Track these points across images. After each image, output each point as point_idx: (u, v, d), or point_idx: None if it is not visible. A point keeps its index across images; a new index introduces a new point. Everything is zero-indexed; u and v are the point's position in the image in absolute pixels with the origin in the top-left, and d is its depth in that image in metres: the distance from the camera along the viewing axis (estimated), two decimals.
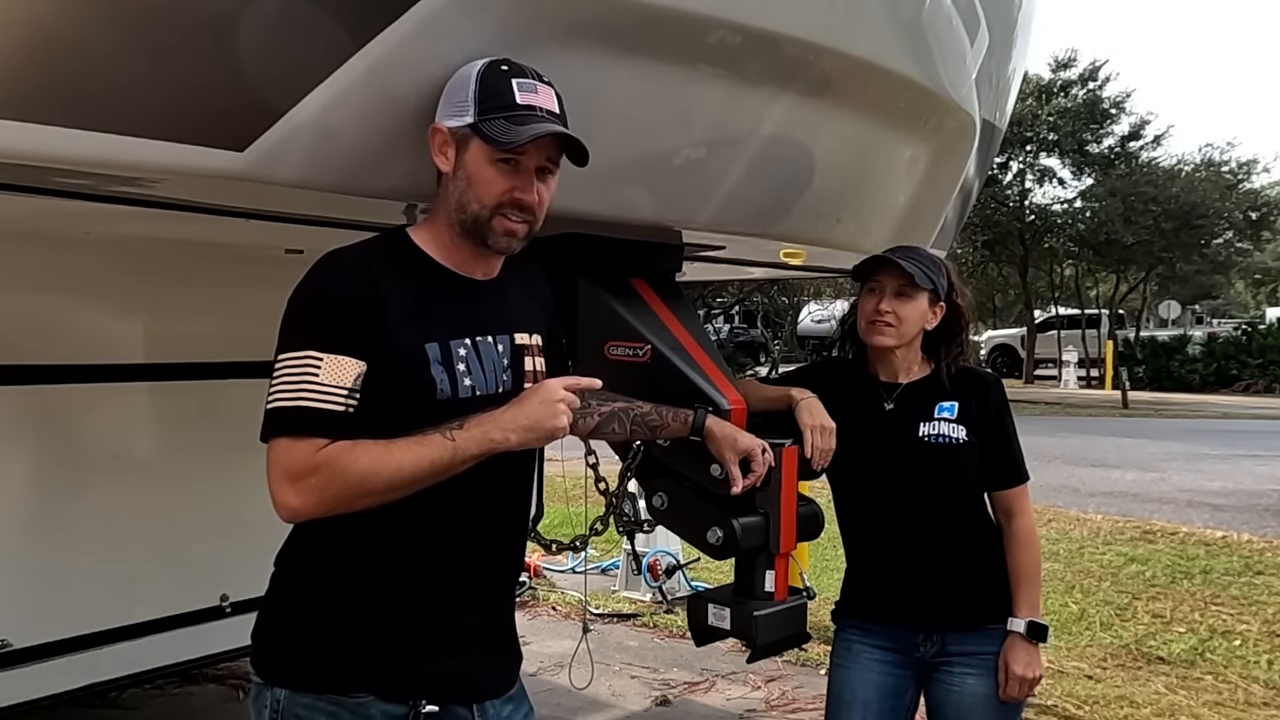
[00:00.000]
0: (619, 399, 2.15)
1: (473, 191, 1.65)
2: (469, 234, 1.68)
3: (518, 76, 1.66)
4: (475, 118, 1.63)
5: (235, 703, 4.25)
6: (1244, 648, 5.19)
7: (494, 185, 1.64)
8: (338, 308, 1.58)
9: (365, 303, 1.59)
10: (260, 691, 1.71)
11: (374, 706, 1.66)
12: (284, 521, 1.61)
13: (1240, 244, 27.80)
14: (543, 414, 1.62)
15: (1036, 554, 2.42)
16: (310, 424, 1.54)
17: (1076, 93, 25.35)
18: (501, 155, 1.63)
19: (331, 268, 1.62)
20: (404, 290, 1.64)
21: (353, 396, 1.56)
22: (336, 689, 1.66)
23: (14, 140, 1.58)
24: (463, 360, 1.67)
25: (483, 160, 1.64)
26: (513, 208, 1.66)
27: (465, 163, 1.65)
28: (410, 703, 1.67)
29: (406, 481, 1.57)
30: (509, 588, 1.88)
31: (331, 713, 1.66)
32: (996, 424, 2.41)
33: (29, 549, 2.94)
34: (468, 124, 1.64)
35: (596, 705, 4.38)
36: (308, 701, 1.66)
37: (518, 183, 1.65)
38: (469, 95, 1.64)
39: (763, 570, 2.26)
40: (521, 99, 1.64)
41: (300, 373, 1.55)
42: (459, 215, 1.67)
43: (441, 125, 1.67)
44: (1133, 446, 12.93)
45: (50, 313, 2.92)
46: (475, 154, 1.64)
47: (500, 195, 1.65)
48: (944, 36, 2.54)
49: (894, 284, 2.37)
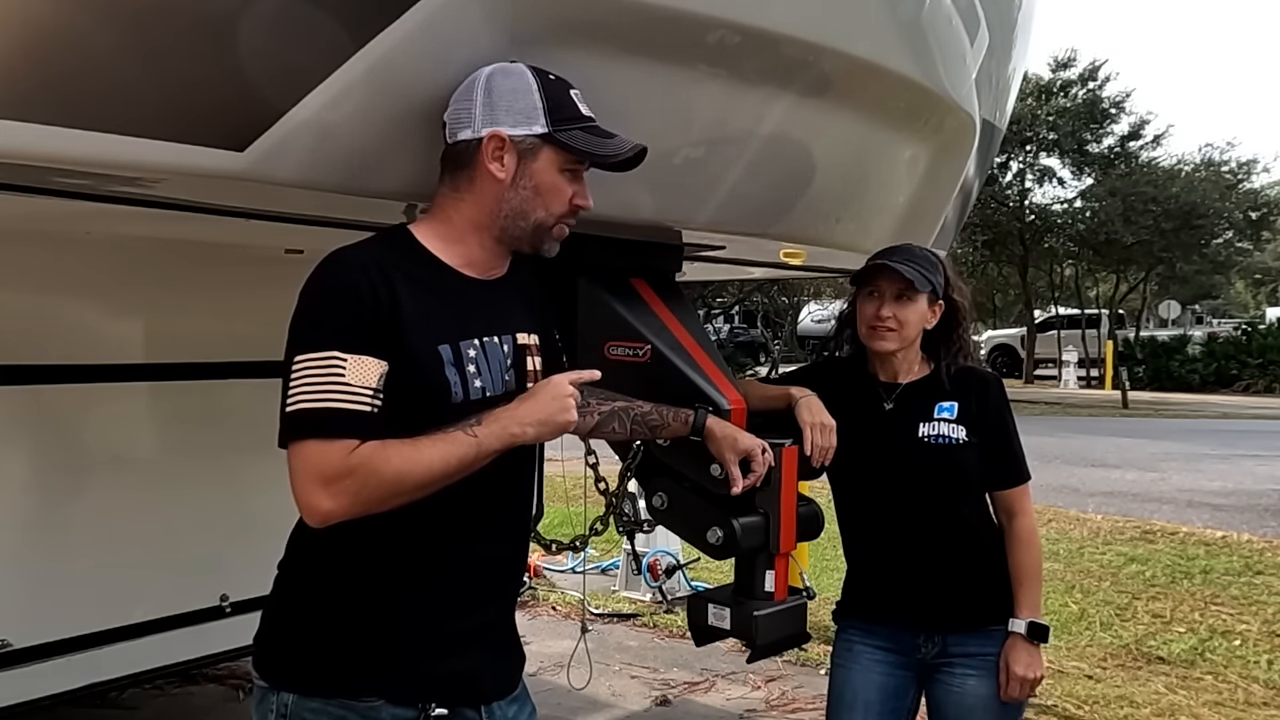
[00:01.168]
0: (619, 398, 2.15)
1: (540, 200, 1.68)
2: (519, 240, 1.72)
3: (571, 88, 1.71)
4: (550, 128, 1.65)
5: (235, 703, 4.25)
6: (1244, 648, 5.19)
7: (564, 193, 1.70)
8: (355, 308, 1.56)
9: (380, 303, 1.57)
10: (265, 695, 1.69)
11: (384, 710, 1.65)
12: (315, 526, 1.57)
13: (1240, 244, 27.83)
14: (555, 409, 1.65)
15: (1037, 554, 2.42)
16: (342, 425, 1.51)
17: (1076, 92, 25.36)
18: (569, 166, 1.69)
19: (343, 268, 1.60)
20: (414, 291, 1.62)
21: (378, 397, 1.54)
22: (346, 693, 1.65)
23: (14, 140, 1.57)
24: (472, 361, 1.66)
25: (553, 169, 1.68)
26: (573, 215, 1.73)
27: (533, 172, 1.67)
28: (420, 705, 1.66)
29: (437, 479, 1.57)
30: (513, 587, 1.88)
31: (341, 716, 1.65)
32: (997, 423, 2.41)
33: (29, 549, 2.94)
34: (539, 134, 1.65)
35: (596, 705, 4.38)
36: (316, 705, 1.65)
37: (578, 189, 1.72)
38: (537, 105, 1.66)
39: (763, 570, 2.26)
40: (585, 110, 1.70)
41: (326, 373, 1.51)
42: (515, 222, 1.69)
43: (503, 133, 1.65)
44: (1133, 446, 12.93)
45: (50, 313, 2.92)
46: (546, 163, 1.68)
47: (568, 203, 1.71)
48: (944, 36, 2.54)
49: (893, 288, 2.37)
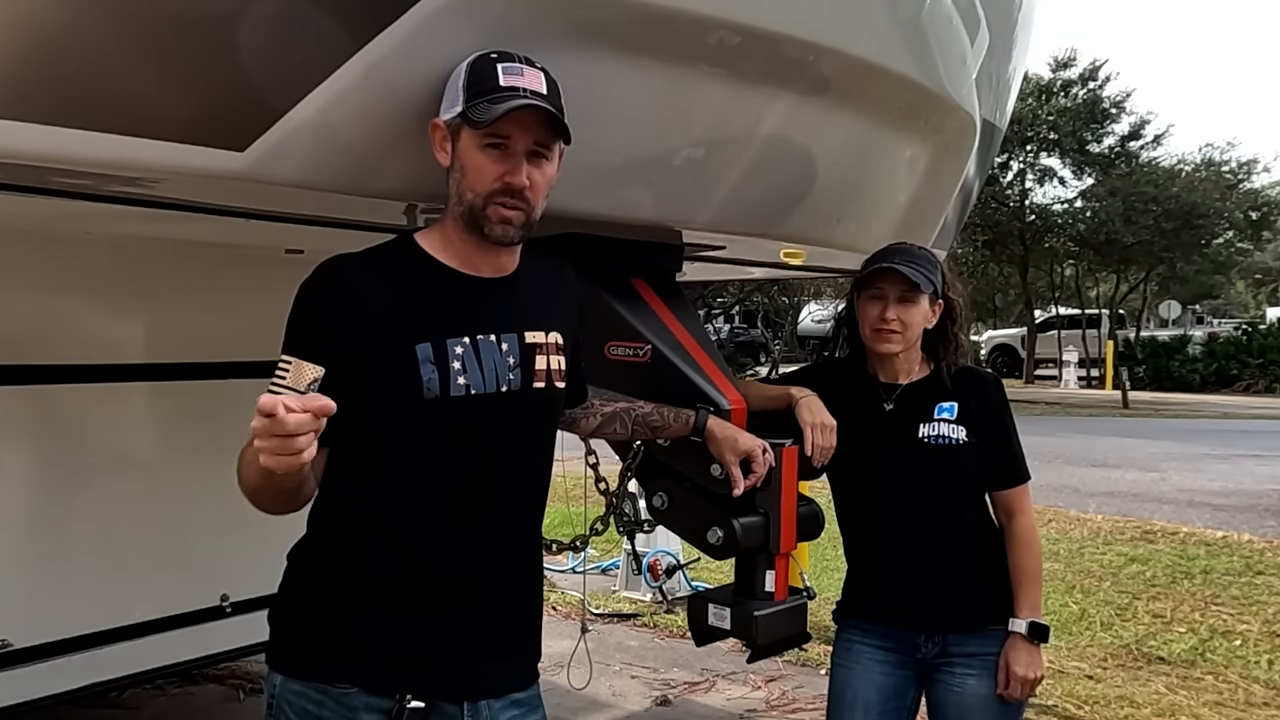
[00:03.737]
0: (620, 398, 2.15)
1: (467, 181, 1.67)
2: (469, 226, 1.70)
3: (504, 61, 1.67)
4: (463, 105, 1.65)
5: (235, 703, 4.26)
6: (1244, 648, 5.19)
7: (485, 172, 1.65)
8: (311, 314, 1.64)
9: (334, 308, 1.63)
10: (267, 676, 1.78)
11: (358, 698, 1.68)
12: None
13: (1240, 244, 27.84)
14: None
15: (1037, 554, 2.42)
16: None
17: (1076, 92, 25.36)
18: (488, 140, 1.64)
19: (313, 278, 1.67)
20: (396, 292, 1.66)
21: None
22: (322, 678, 1.69)
23: (14, 140, 1.58)
24: (459, 359, 1.67)
25: (473, 148, 1.65)
26: (505, 194, 1.66)
27: (459, 153, 1.67)
28: (395, 696, 1.68)
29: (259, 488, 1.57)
30: (517, 587, 1.83)
31: (318, 701, 1.69)
32: (996, 424, 2.41)
33: (29, 549, 2.94)
34: (458, 113, 1.66)
35: (596, 705, 4.38)
36: (297, 689, 1.71)
37: (507, 167, 1.65)
38: (459, 86, 1.66)
39: (763, 570, 2.26)
40: (505, 81, 1.64)
41: (277, 374, 1.61)
42: (459, 208, 1.69)
43: (439, 120, 1.70)
44: (1133, 446, 12.92)
45: (50, 313, 2.92)
46: (466, 143, 1.66)
47: (492, 181, 1.65)
48: (944, 36, 2.54)
49: (897, 290, 2.35)
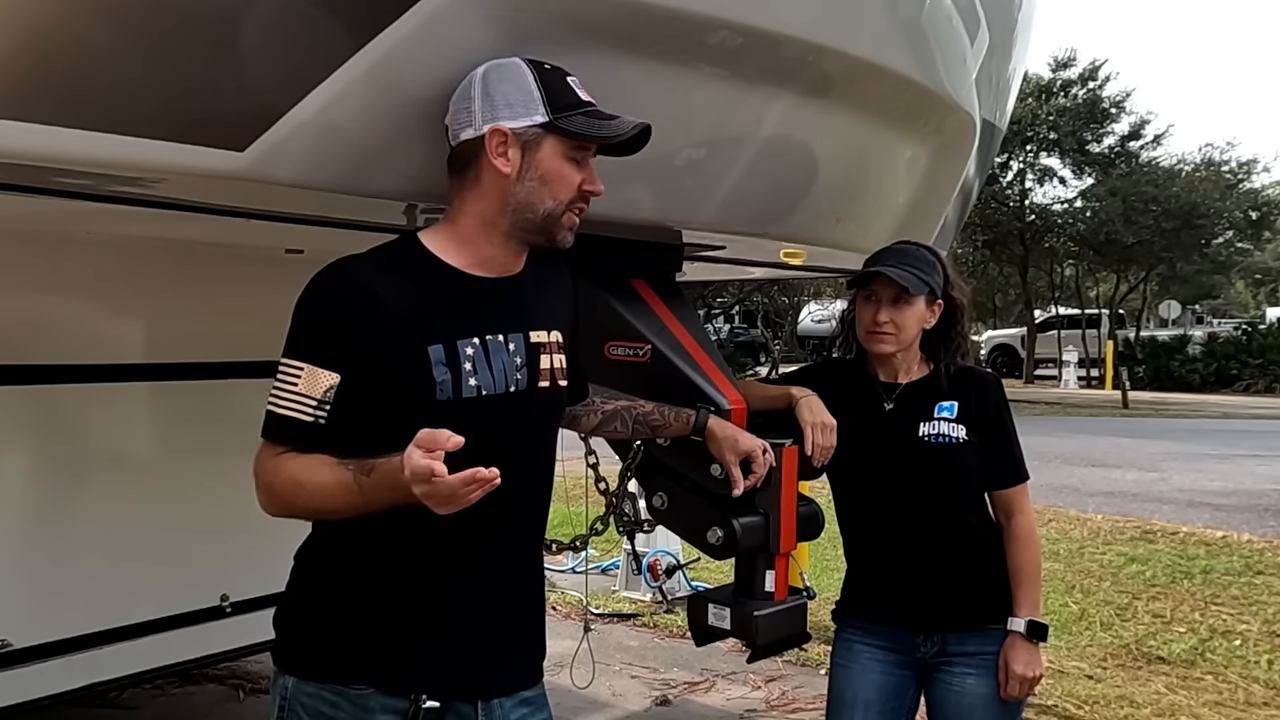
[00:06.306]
0: (622, 397, 2.15)
1: (548, 189, 1.68)
2: (532, 232, 1.71)
3: (568, 75, 1.71)
4: (550, 116, 1.65)
5: (235, 703, 4.26)
6: (1244, 648, 5.19)
7: (570, 180, 1.70)
8: (323, 319, 1.63)
9: (353, 312, 1.61)
10: (275, 679, 1.76)
11: (374, 699, 1.67)
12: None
13: (1240, 244, 27.83)
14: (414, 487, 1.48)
15: (1037, 553, 2.42)
16: (278, 430, 1.62)
17: (1076, 92, 25.35)
18: (575, 152, 1.69)
19: (321, 279, 1.66)
20: (406, 294, 1.64)
21: (321, 408, 1.60)
22: (338, 679, 1.68)
23: (14, 140, 1.58)
24: (469, 360, 1.66)
25: (558, 156, 1.68)
26: (582, 201, 1.72)
27: (537, 162, 1.67)
28: (411, 697, 1.67)
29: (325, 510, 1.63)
30: (526, 587, 1.84)
31: (333, 703, 1.68)
32: (996, 423, 2.41)
33: (29, 549, 2.94)
34: (540, 123, 1.65)
35: (596, 705, 4.38)
36: (311, 690, 1.69)
37: (586, 175, 1.71)
38: (534, 96, 1.66)
39: (763, 570, 2.26)
40: (583, 95, 1.70)
41: (284, 380, 1.62)
42: (524, 215, 1.69)
43: (504, 127, 1.65)
44: (1133, 446, 12.93)
45: (50, 313, 2.92)
46: (549, 151, 1.67)
47: (575, 189, 1.71)
48: (944, 36, 2.54)
49: (889, 293, 2.36)
